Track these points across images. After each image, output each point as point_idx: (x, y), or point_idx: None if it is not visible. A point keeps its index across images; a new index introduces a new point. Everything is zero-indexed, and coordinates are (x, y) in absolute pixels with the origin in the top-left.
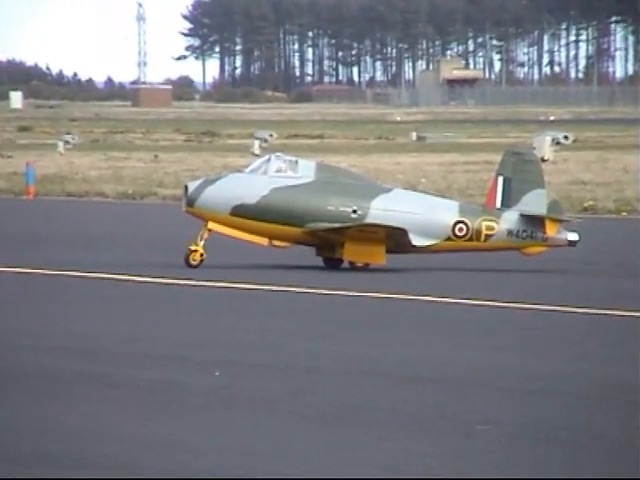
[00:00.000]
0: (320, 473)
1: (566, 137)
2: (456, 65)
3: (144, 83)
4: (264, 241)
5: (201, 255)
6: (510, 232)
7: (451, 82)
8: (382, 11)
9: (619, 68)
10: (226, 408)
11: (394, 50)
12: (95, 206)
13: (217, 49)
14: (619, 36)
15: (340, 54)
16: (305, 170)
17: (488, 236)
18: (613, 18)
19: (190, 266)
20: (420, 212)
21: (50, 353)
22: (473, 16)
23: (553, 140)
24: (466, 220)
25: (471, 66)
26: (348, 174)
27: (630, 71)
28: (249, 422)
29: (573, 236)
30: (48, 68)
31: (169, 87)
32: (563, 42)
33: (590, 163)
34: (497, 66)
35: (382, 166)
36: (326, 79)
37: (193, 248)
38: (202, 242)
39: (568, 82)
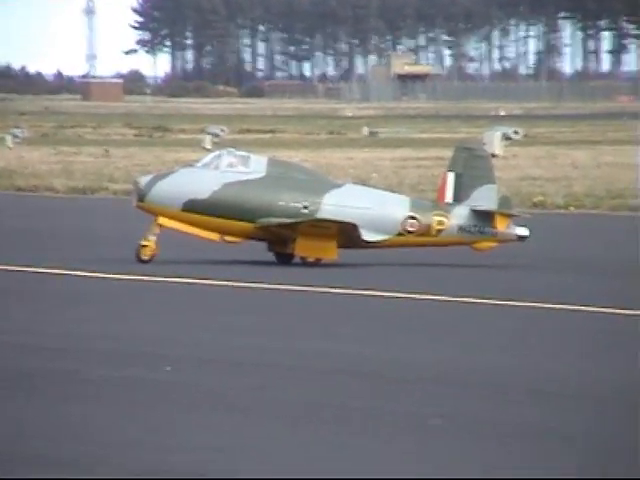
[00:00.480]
0: (283, 473)
1: (516, 132)
2: (407, 60)
3: (94, 77)
4: (215, 236)
5: (152, 250)
6: (461, 227)
7: (402, 77)
8: (333, 6)
9: (568, 64)
10: (191, 406)
11: (345, 45)
12: (45, 201)
13: (168, 43)
14: (568, 32)
15: (292, 49)
16: (257, 165)
17: (439, 231)
18: (562, 14)
19: (141, 261)
20: (371, 207)
21: (8, 351)
22: (424, 11)
23: (503, 135)
24: (417, 215)
25: (422, 61)
26: (300, 169)
27: (578, 67)
28: (214, 420)
29: (523, 231)
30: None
31: (120, 81)
32: (513, 38)
33: (539, 159)
34: (448, 61)
35: (334, 161)
36: (278, 74)
37: (144, 243)
38: (153, 237)
39: (518, 78)
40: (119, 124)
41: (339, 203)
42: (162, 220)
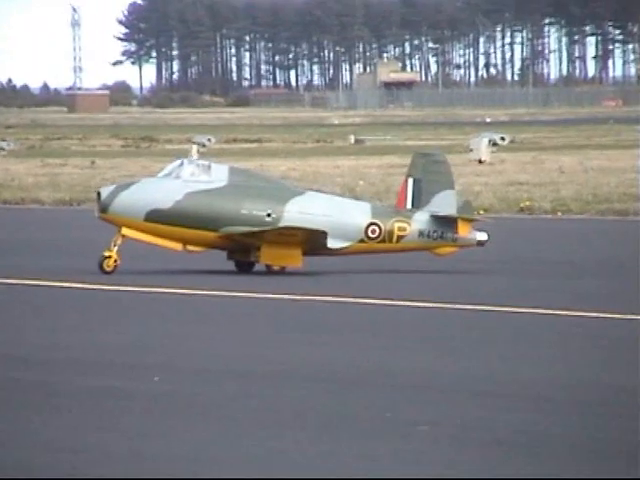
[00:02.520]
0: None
1: (502, 138)
2: (393, 68)
3: (80, 89)
4: (178, 246)
5: (115, 261)
6: (421, 233)
7: (388, 85)
8: (318, 15)
9: (553, 69)
10: (166, 414)
11: (331, 53)
12: (31, 213)
13: (154, 54)
14: (553, 38)
15: (277, 58)
16: (218, 174)
17: (400, 237)
18: (547, 20)
19: (104, 272)
20: (334, 215)
21: None
22: (409, 18)
23: (490, 142)
24: (378, 222)
25: (408, 69)
26: (261, 177)
27: (564, 72)
28: (189, 428)
29: (482, 236)
30: None
31: (106, 92)
32: (499, 44)
33: (526, 164)
34: (434, 68)
35: (321, 169)
36: (263, 83)
37: (107, 254)
38: (115, 248)
39: (504, 84)
40: (106, 135)
41: (302, 210)
42: (125, 231)
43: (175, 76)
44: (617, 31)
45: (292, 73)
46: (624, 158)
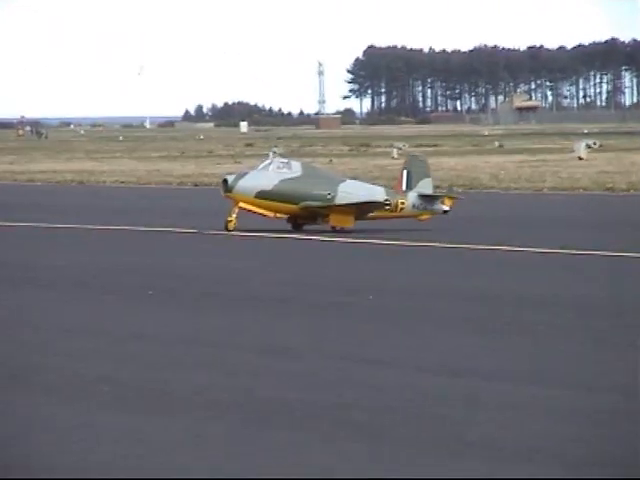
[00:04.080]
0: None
1: (595, 143)
2: (523, 98)
3: (322, 114)
4: (271, 214)
5: (234, 223)
6: (413, 205)
7: (520, 109)
8: (474, 64)
9: (628, 98)
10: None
11: (483, 89)
12: None
13: (369, 91)
14: (627, 78)
15: (448, 92)
16: (296, 168)
17: (401, 208)
18: (623, 67)
19: (228, 231)
20: (364, 194)
21: None
22: (533, 66)
23: (586, 145)
24: (389, 198)
25: (533, 98)
26: (321, 170)
27: (635, 100)
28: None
29: (445, 208)
30: (263, 106)
31: (338, 116)
32: (592, 82)
33: (611, 160)
34: (550, 98)
35: (476, 164)
36: (440, 108)
37: (229, 219)
38: (234, 215)
39: (596, 107)
40: (338, 143)
41: (347, 191)
42: (241, 204)
43: (383, 105)
44: None
45: (458, 102)
46: None
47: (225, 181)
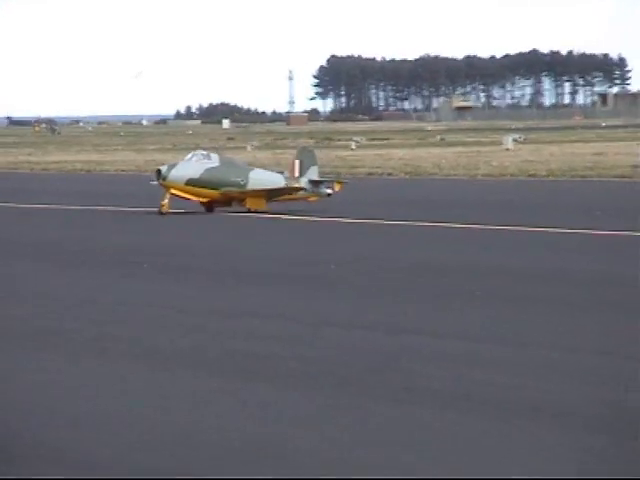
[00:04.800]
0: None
1: (520, 137)
2: (461, 99)
3: (292, 112)
4: (196, 199)
5: (167, 207)
6: (305, 189)
7: (458, 108)
8: (420, 71)
9: (547, 99)
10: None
11: (427, 91)
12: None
13: (331, 93)
14: (547, 83)
15: (397, 94)
16: (214, 158)
17: (297, 192)
18: (543, 73)
19: (161, 214)
20: (269, 180)
21: None
22: (470, 72)
23: (513, 139)
24: (287, 183)
25: (469, 99)
26: (233, 160)
27: (553, 101)
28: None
29: (329, 191)
30: (242, 106)
31: (306, 114)
32: (517, 86)
33: (533, 151)
34: (483, 99)
35: (422, 155)
36: (390, 108)
37: (162, 203)
38: (166, 200)
39: (521, 107)
40: (305, 137)
41: (256, 178)
42: (173, 191)
43: (343, 105)
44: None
45: (406, 102)
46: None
47: (159, 171)
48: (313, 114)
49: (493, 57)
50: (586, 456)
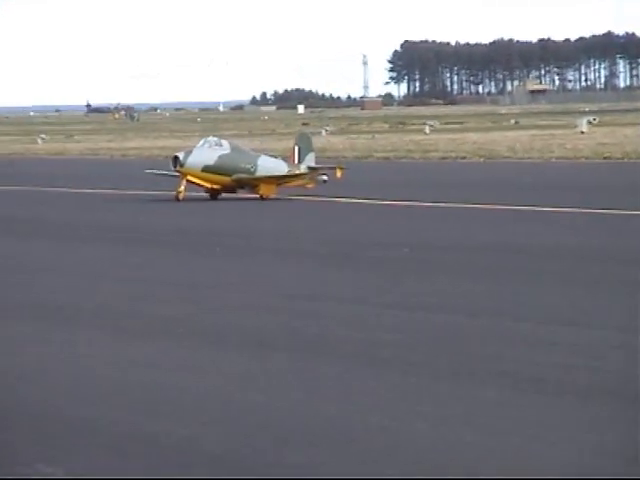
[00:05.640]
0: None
1: (594, 119)
2: (535, 82)
3: (366, 97)
4: (209, 185)
5: (183, 193)
6: (306, 175)
7: (532, 92)
8: (494, 55)
9: (622, 82)
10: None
11: (501, 75)
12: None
13: (406, 78)
14: (621, 65)
15: (471, 78)
16: (225, 145)
17: (301, 178)
18: (618, 56)
19: (178, 200)
20: (275, 167)
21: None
22: (544, 56)
23: (587, 121)
24: (290, 169)
25: (543, 82)
26: (242, 147)
27: (628, 83)
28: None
29: (325, 177)
30: (317, 91)
31: (380, 99)
32: (592, 68)
33: (607, 133)
34: (557, 82)
35: (495, 138)
36: (464, 92)
37: (179, 190)
38: (182, 187)
39: (595, 90)
40: (380, 122)
41: (264, 165)
42: (189, 177)
43: (417, 89)
44: None
45: (480, 86)
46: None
47: (176, 157)
48: (387, 99)
49: (567, 40)
50: None
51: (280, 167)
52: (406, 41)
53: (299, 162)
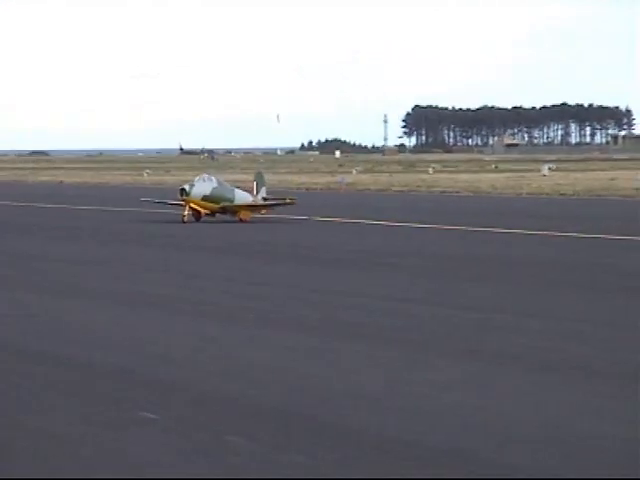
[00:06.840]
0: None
1: (553, 166)
2: (510, 138)
3: (386, 146)
4: (204, 211)
5: (188, 217)
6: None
7: (508, 145)
8: (480, 118)
9: (573, 139)
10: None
11: (485, 132)
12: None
13: (415, 133)
14: (573, 127)
15: (463, 134)
16: (214, 180)
17: (264, 207)
18: (570, 120)
19: (184, 222)
20: (243, 198)
21: None
22: (517, 119)
23: (548, 168)
24: (254, 200)
25: (516, 138)
26: (225, 183)
27: (578, 140)
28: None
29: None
30: (349, 141)
31: (396, 148)
32: (552, 129)
33: (562, 176)
34: (526, 138)
35: (480, 178)
36: (458, 143)
37: (184, 214)
38: (186, 212)
39: (554, 145)
40: (396, 164)
41: (239, 196)
42: (192, 204)
43: (423, 141)
44: None
45: (469, 140)
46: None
47: (183, 189)
48: (401, 147)
49: (534, 107)
50: None
51: (247, 198)
52: (416, 106)
53: (256, 194)
